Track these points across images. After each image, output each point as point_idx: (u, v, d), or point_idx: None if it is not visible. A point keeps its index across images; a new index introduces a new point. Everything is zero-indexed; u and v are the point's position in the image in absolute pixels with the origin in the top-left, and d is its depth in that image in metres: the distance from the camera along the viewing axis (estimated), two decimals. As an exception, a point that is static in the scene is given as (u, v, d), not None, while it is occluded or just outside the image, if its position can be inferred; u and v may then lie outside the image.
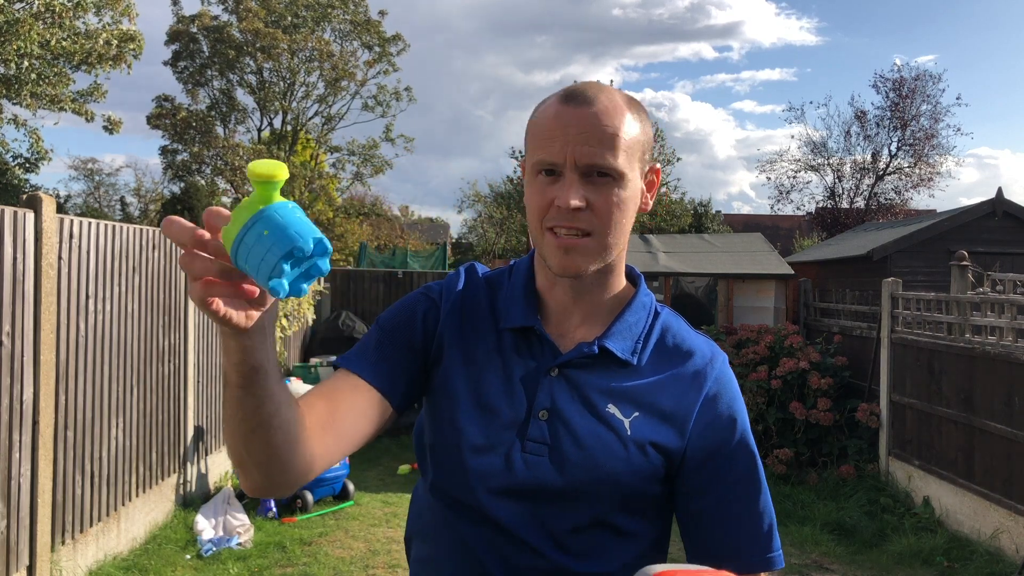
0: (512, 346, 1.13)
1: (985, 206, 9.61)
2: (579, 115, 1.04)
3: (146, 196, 26.21)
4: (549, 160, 1.04)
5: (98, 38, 12.39)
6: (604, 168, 1.04)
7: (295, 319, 8.42)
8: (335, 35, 21.00)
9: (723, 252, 9.98)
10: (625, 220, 1.08)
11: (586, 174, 1.04)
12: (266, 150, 19.62)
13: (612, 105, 1.06)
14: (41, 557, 3.89)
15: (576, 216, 1.04)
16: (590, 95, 1.06)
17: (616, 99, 1.07)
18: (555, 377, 1.10)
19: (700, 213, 22.71)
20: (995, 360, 5.51)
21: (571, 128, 1.03)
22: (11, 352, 3.67)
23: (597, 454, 1.06)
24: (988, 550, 5.37)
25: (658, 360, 1.13)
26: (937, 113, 21.35)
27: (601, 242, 1.07)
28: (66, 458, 4.20)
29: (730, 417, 1.11)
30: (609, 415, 1.08)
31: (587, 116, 1.04)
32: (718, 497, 1.09)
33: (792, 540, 5.81)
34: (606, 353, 1.11)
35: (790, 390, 7.49)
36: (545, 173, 1.06)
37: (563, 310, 1.15)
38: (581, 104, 1.05)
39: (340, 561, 5.09)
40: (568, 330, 1.14)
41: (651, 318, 1.17)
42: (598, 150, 1.03)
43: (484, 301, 1.19)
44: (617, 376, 1.10)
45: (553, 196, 1.04)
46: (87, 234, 4.42)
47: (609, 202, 1.05)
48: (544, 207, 1.06)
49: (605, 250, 1.08)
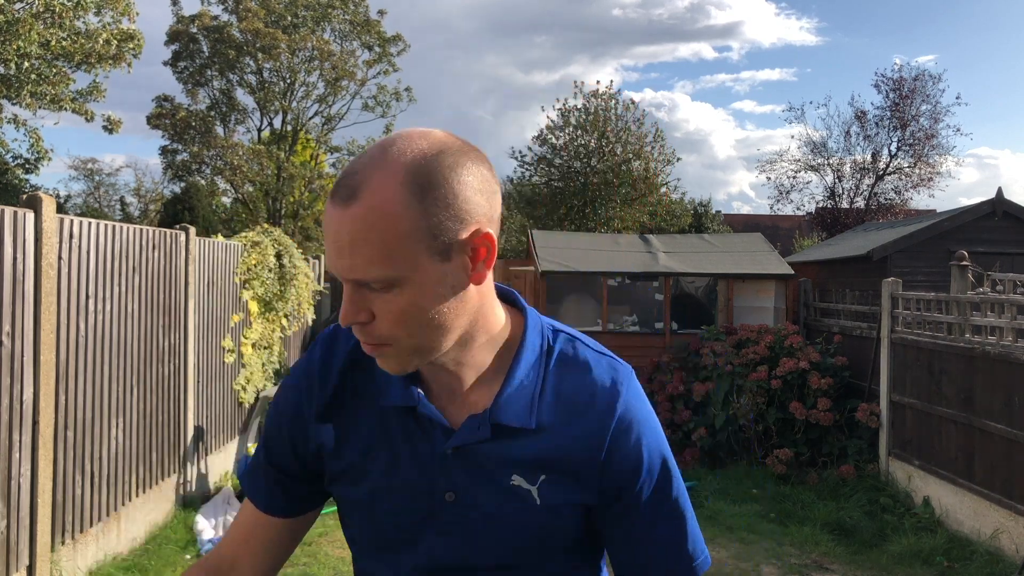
0: (399, 426, 1.04)
1: (985, 206, 9.61)
2: (340, 219, 0.89)
3: (146, 196, 26.23)
4: (334, 272, 0.93)
5: (98, 38, 12.39)
6: (376, 281, 0.90)
7: (295, 319, 8.42)
8: (335, 35, 21.01)
9: (723, 252, 9.98)
10: (429, 318, 0.93)
11: (361, 284, 0.91)
12: (266, 150, 19.62)
13: (381, 199, 0.88)
14: (41, 557, 3.89)
15: (363, 330, 0.93)
16: (354, 185, 0.89)
17: (387, 184, 0.88)
18: (452, 455, 1.01)
19: (700, 213, 22.71)
20: (995, 360, 5.51)
21: (334, 236, 0.90)
22: (11, 352, 3.67)
23: (510, 530, 1.01)
24: (988, 550, 5.37)
25: (558, 412, 1.02)
26: (937, 113, 21.36)
27: (405, 349, 0.94)
28: (66, 458, 4.20)
29: (637, 448, 1.02)
30: (515, 488, 1.00)
31: (347, 221, 0.88)
32: (627, 526, 1.04)
33: (792, 540, 5.81)
34: (500, 427, 1.00)
35: (790, 390, 7.49)
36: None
37: (444, 377, 1.03)
38: (340, 204, 0.89)
39: (340, 561, 5.09)
40: (455, 398, 1.04)
41: (544, 364, 1.04)
42: (354, 263, 0.89)
43: (357, 375, 1.08)
44: (517, 443, 1.01)
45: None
46: (87, 234, 4.42)
47: (394, 311, 0.91)
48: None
49: (419, 353, 0.95)
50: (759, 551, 5.58)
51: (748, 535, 5.87)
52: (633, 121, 18.25)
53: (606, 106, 18.23)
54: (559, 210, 17.91)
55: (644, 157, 18.19)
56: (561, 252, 9.68)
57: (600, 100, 18.26)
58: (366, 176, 0.90)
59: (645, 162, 18.18)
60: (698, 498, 6.66)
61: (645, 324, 9.39)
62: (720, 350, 8.13)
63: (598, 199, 17.77)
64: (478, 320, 0.99)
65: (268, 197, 20.34)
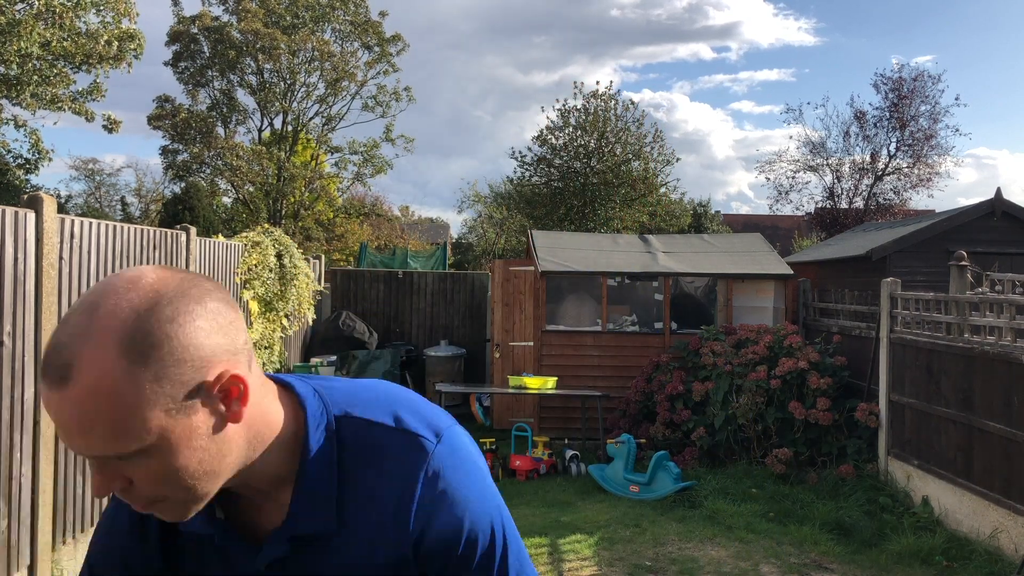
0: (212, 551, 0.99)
1: (984, 206, 9.63)
2: (59, 404, 0.80)
3: (147, 196, 26.26)
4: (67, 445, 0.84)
5: (99, 38, 12.40)
6: (118, 456, 0.82)
7: (295, 319, 8.43)
8: (335, 35, 21.02)
9: (722, 252, 9.99)
10: (194, 471, 0.85)
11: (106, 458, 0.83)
12: (266, 151, 19.63)
13: (98, 376, 0.79)
14: (42, 557, 3.90)
15: (127, 495, 0.86)
16: (64, 365, 0.79)
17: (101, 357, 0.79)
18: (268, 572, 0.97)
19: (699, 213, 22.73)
20: (994, 360, 5.52)
21: (55, 419, 0.81)
22: (12, 352, 3.68)
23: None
24: (987, 549, 5.38)
25: (360, 508, 0.95)
26: (936, 113, 21.37)
27: (179, 501, 0.87)
28: (67, 458, 4.21)
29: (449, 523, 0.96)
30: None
31: (66, 406, 0.79)
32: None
33: (791, 539, 5.82)
34: (301, 539, 0.95)
35: (789, 390, 7.50)
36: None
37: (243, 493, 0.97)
38: (55, 386, 0.80)
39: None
40: (257, 514, 0.98)
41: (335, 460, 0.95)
42: (94, 443, 0.81)
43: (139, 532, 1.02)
44: (323, 551, 0.96)
45: None
46: (88, 234, 4.43)
47: (151, 476, 0.84)
48: None
49: (195, 501, 0.88)
50: (758, 550, 5.59)
51: (747, 534, 5.88)
52: (633, 121, 18.26)
53: (606, 106, 18.24)
54: (559, 210, 17.92)
55: (644, 157, 18.20)
56: (561, 252, 9.69)
57: (600, 100, 18.27)
58: (75, 351, 0.79)
59: (645, 162, 18.20)
60: (697, 497, 6.67)
61: (645, 324, 9.40)
62: (719, 350, 8.14)
63: (598, 199, 17.78)
64: (253, 443, 0.91)
65: (269, 197, 20.35)
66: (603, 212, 17.90)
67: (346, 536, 0.95)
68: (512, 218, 21.72)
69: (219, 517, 0.98)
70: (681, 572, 5.17)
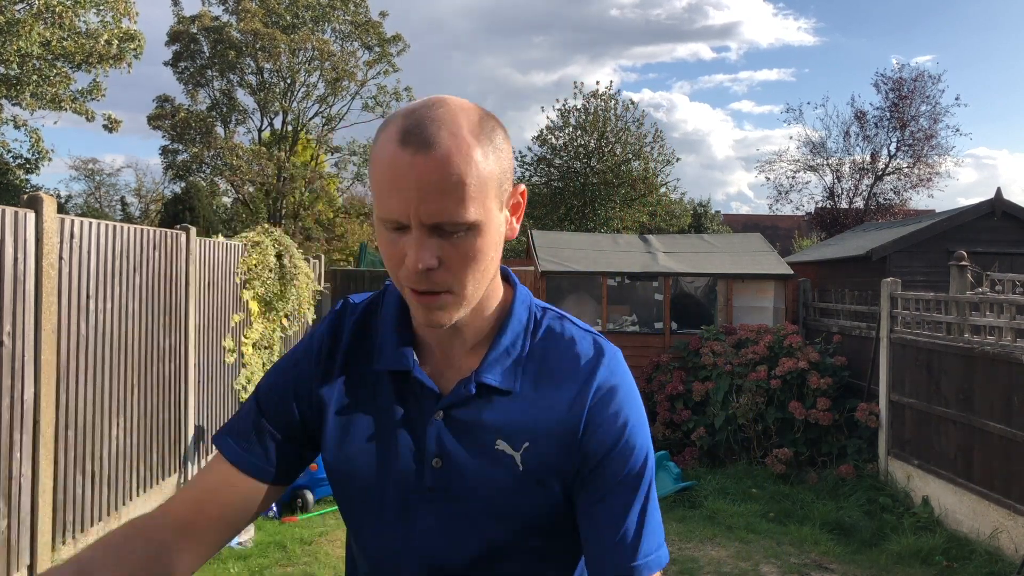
0: (392, 391, 1.07)
1: (984, 206, 9.62)
2: (417, 166, 0.90)
3: (147, 196, 26.24)
4: (393, 218, 0.93)
5: (99, 38, 12.40)
6: (454, 221, 0.92)
7: (295, 319, 8.43)
8: (335, 36, 21.01)
9: (722, 252, 9.99)
10: (486, 265, 0.98)
11: (434, 228, 0.93)
12: (266, 151, 19.63)
13: (456, 145, 0.91)
14: (42, 556, 3.90)
15: (428, 276, 0.94)
16: (429, 135, 0.91)
17: (461, 133, 0.92)
18: (440, 421, 1.04)
19: (700, 213, 22.73)
20: (994, 360, 5.52)
21: (411, 182, 0.90)
22: (12, 352, 3.68)
23: (494, 495, 1.03)
24: (987, 549, 5.38)
25: (541, 379, 1.05)
26: (936, 113, 21.37)
27: (461, 295, 0.98)
28: (67, 458, 4.21)
29: (615, 419, 1.04)
30: (499, 453, 1.03)
31: (427, 167, 0.90)
32: (586, 500, 1.04)
33: (791, 540, 5.82)
34: (486, 388, 1.04)
35: (789, 390, 7.50)
36: (393, 228, 0.95)
37: (438, 344, 1.08)
38: (419, 150, 0.90)
39: (341, 560, 5.10)
40: (447, 365, 1.08)
41: (531, 332, 1.08)
42: (443, 207, 0.91)
43: (359, 342, 1.11)
44: (502, 408, 1.04)
45: (403, 252, 0.94)
46: (88, 234, 4.43)
47: (465, 256, 0.95)
48: (397, 262, 0.96)
49: (468, 302, 1.00)
50: (758, 550, 5.59)
51: (747, 534, 5.88)
52: (632, 121, 18.27)
53: (606, 106, 18.24)
54: (559, 210, 17.92)
55: (644, 157, 18.21)
56: (561, 252, 9.69)
57: (600, 100, 18.27)
58: (438, 126, 0.92)
59: (645, 162, 18.21)
60: (697, 497, 6.67)
61: (645, 324, 9.40)
62: (720, 350, 8.14)
63: (598, 199, 17.78)
64: (489, 288, 1.05)
65: (269, 197, 20.35)
66: (603, 212, 17.90)
67: (524, 403, 1.04)
68: (512, 218, 21.71)
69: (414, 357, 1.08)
70: (681, 572, 5.16)
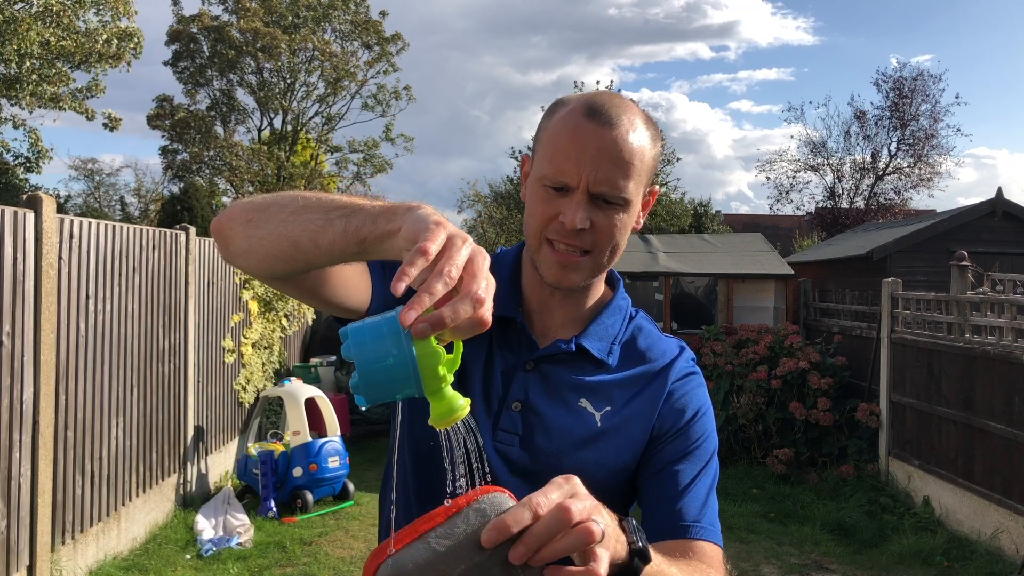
0: (494, 334, 1.12)
1: (985, 206, 9.62)
2: (600, 136, 1.02)
3: (146, 196, 26.23)
4: (561, 179, 1.03)
5: (98, 37, 12.38)
6: (616, 192, 1.04)
7: (295, 319, 8.42)
8: (335, 35, 21.00)
9: (723, 252, 9.98)
10: (623, 242, 1.09)
11: (594, 194, 1.04)
12: (266, 150, 19.62)
13: (633, 128, 1.04)
14: (41, 557, 3.89)
15: (579, 235, 1.05)
16: (613, 115, 1.04)
17: (637, 121, 1.06)
18: (530, 371, 1.12)
19: (700, 213, 22.70)
20: (995, 360, 5.51)
21: (590, 149, 1.02)
22: (11, 352, 3.67)
23: (567, 444, 1.09)
24: (988, 550, 5.37)
25: (630, 359, 1.16)
26: (937, 113, 21.37)
27: (598, 262, 1.09)
28: (66, 458, 4.20)
29: (684, 405, 1.14)
30: (580, 408, 1.10)
31: (608, 139, 1.02)
32: (654, 467, 1.11)
33: (792, 540, 5.81)
34: (582, 351, 1.13)
35: (790, 390, 7.49)
36: (553, 187, 1.05)
37: (544, 309, 1.17)
38: (604, 124, 1.03)
39: (340, 561, 5.09)
40: (547, 328, 1.17)
41: (627, 321, 1.20)
42: (613, 178, 1.03)
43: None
44: (590, 373, 1.13)
45: (558, 211, 1.04)
46: (87, 234, 4.42)
47: (612, 226, 1.06)
48: (547, 219, 1.06)
49: (600, 269, 1.11)
50: (759, 551, 5.59)
51: (748, 535, 5.87)
52: (633, 121, 18.24)
53: (606, 106, 18.22)
54: (559, 210, 17.89)
55: (644, 157, 18.17)
56: (561, 252, 9.67)
57: (600, 100, 18.25)
58: (619, 111, 1.05)
59: (645, 162, 18.17)
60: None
61: (645, 324, 9.38)
62: (720, 350, 8.13)
63: (598, 199, 17.76)
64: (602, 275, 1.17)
65: (268, 197, 20.32)
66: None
67: (611, 374, 1.14)
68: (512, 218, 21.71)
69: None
70: (682, 573, 5.15)
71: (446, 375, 0.78)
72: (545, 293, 1.16)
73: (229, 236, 1.04)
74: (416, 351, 0.75)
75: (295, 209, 0.95)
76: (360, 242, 0.89)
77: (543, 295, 1.16)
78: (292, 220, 0.95)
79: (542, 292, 1.16)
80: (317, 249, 0.93)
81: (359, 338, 0.76)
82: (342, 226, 0.90)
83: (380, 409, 8.54)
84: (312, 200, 0.95)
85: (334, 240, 0.91)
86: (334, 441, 6.22)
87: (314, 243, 0.93)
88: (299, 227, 0.94)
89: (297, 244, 0.94)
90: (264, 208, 0.99)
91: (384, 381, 0.76)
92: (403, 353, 0.75)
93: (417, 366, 0.75)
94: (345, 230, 0.89)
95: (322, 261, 0.96)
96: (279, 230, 0.96)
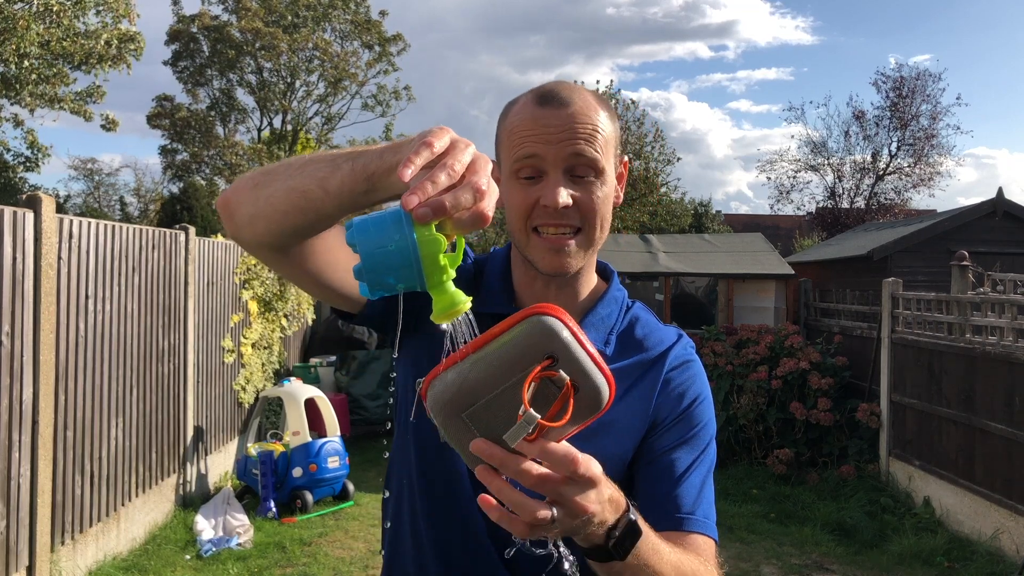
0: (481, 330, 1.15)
1: (985, 206, 9.60)
2: (559, 116, 1.05)
3: (146, 196, 26.23)
4: (533, 162, 1.05)
5: (98, 39, 12.37)
6: (589, 161, 1.05)
7: (295, 319, 8.42)
8: (336, 35, 21.00)
9: (723, 252, 9.98)
10: (608, 215, 1.11)
11: (569, 171, 1.06)
12: (266, 150, 19.61)
13: (586, 104, 1.07)
14: (41, 557, 3.88)
15: (564, 214, 1.06)
16: (565, 95, 1.07)
17: (588, 98, 1.09)
18: None
19: (700, 213, 22.71)
20: (995, 360, 5.51)
21: (551, 128, 1.04)
22: (11, 352, 3.67)
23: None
24: (988, 550, 5.36)
25: (628, 349, 1.17)
26: (937, 112, 21.36)
27: (589, 237, 1.10)
28: (66, 458, 4.20)
29: (681, 393, 1.15)
30: None
31: (566, 116, 1.05)
32: (650, 454, 1.12)
33: (792, 540, 5.81)
34: None
35: (790, 390, 7.49)
36: (526, 177, 1.07)
37: (550, 297, 1.17)
38: (560, 106, 1.06)
39: (340, 561, 5.09)
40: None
41: (623, 311, 1.22)
42: (581, 149, 1.05)
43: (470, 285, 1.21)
44: None
45: (537, 196, 1.06)
46: (87, 234, 4.42)
47: (594, 197, 1.07)
48: (528, 207, 1.07)
49: (591, 245, 1.12)
50: (759, 551, 5.58)
51: (748, 535, 5.86)
52: (633, 121, 18.24)
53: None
54: (559, 210, 17.87)
55: (644, 157, 18.18)
56: (561, 252, 9.66)
57: (600, 100, 18.23)
58: (568, 92, 1.08)
59: (645, 162, 18.18)
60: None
61: (645, 324, 9.37)
62: (720, 350, 8.12)
63: (598, 199, 17.73)
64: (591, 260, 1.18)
65: (268, 197, 20.34)
66: (603, 212, 17.85)
67: (611, 360, 1.13)
68: (512, 218, 21.70)
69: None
70: (682, 573, 5.15)
71: (447, 267, 0.80)
72: (539, 287, 1.17)
73: (235, 205, 1.05)
74: (417, 237, 0.77)
75: (301, 164, 0.98)
76: (368, 178, 0.90)
77: (536, 289, 1.17)
78: (299, 173, 0.97)
79: (535, 286, 1.17)
80: (327, 195, 0.94)
81: (363, 226, 0.79)
82: (349, 167, 0.92)
83: (380, 409, 8.53)
84: (318, 155, 0.98)
85: (343, 182, 0.92)
86: (334, 441, 6.21)
87: (323, 189, 0.94)
88: (307, 177, 0.96)
89: (306, 193, 0.96)
90: (270, 171, 1.02)
91: (385, 267, 0.78)
92: (404, 239, 0.77)
93: (419, 253, 0.77)
94: (353, 169, 0.92)
95: (332, 207, 0.96)
96: (287, 183, 0.98)
